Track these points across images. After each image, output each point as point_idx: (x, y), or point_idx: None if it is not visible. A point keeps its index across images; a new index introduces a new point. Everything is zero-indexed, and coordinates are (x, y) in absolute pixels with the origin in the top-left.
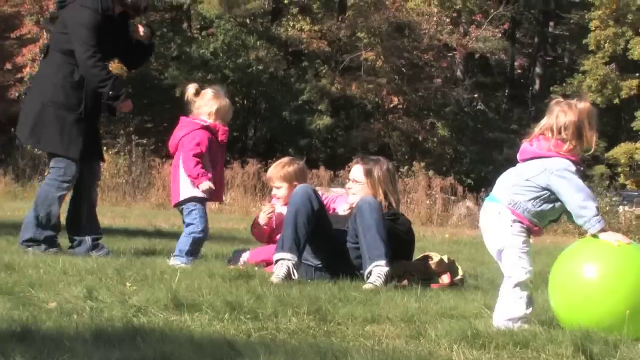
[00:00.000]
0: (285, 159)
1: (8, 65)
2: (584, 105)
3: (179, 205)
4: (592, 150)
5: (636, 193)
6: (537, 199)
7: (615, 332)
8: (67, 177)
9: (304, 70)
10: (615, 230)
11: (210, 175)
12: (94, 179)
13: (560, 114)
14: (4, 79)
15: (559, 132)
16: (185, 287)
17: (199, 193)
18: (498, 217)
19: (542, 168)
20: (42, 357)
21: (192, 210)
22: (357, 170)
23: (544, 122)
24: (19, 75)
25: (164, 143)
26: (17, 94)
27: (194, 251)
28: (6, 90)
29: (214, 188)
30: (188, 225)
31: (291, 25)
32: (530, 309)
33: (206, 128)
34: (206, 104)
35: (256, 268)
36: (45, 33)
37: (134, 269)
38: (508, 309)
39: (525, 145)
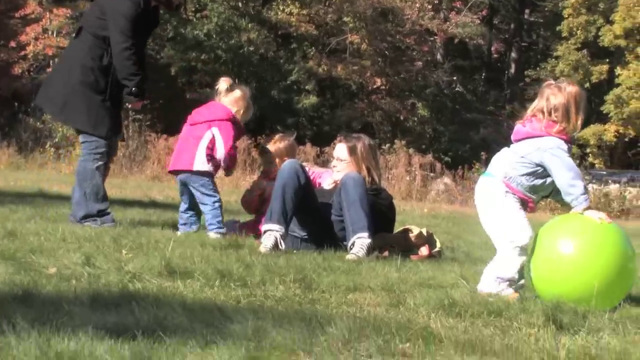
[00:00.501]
0: (277, 136)
1: (12, 44)
2: (572, 88)
3: (187, 172)
4: (577, 131)
5: (604, 172)
6: (530, 174)
7: (584, 304)
8: (99, 149)
9: (293, 52)
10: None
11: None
12: (112, 154)
13: (551, 96)
14: (9, 57)
15: (550, 114)
16: (178, 255)
17: (212, 169)
18: (492, 190)
19: (536, 147)
20: (42, 320)
21: (208, 183)
22: (340, 149)
23: (535, 104)
24: (22, 53)
25: (160, 119)
26: (20, 71)
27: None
28: (10, 67)
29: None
30: (205, 196)
31: (281, 9)
32: (522, 281)
33: (235, 122)
34: (236, 103)
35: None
36: (47, 13)
37: (130, 238)
38: (502, 267)
39: (518, 126)
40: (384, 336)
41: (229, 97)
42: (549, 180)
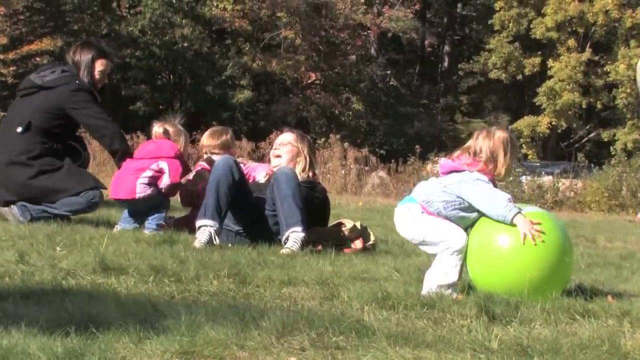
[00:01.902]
0: (218, 128)
1: None
2: (502, 134)
3: (131, 200)
4: (502, 176)
5: (537, 164)
6: (450, 203)
7: (516, 294)
8: (95, 199)
9: (227, 48)
10: (519, 198)
11: None
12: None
13: (480, 138)
14: None
15: (475, 154)
16: (112, 251)
17: (154, 190)
18: (408, 213)
19: (459, 179)
20: None
21: (156, 201)
22: (287, 135)
23: (467, 144)
24: None
25: None
26: None
27: None
28: None
29: None
30: (153, 210)
31: (215, 4)
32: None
33: (182, 158)
34: (175, 141)
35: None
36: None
37: (64, 235)
38: (443, 276)
39: (445, 160)
40: (317, 329)
41: (170, 139)
42: (468, 215)
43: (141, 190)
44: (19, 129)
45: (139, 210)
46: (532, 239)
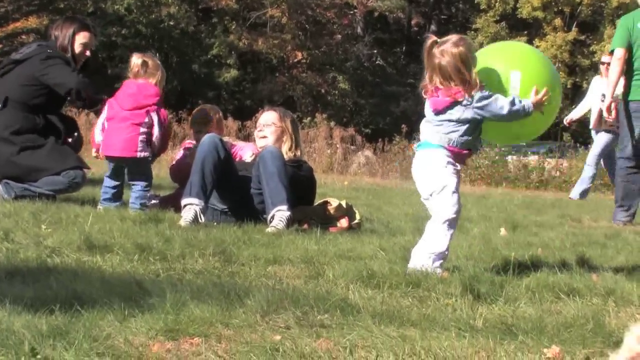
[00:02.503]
0: (213, 107)
1: None
2: (455, 49)
3: (130, 159)
4: (477, 83)
5: (523, 143)
6: (466, 132)
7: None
8: (77, 179)
9: (214, 26)
10: (504, 178)
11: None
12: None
13: (440, 61)
14: None
15: (447, 80)
16: (97, 229)
17: (150, 154)
18: (433, 161)
19: (461, 110)
20: None
21: (147, 167)
22: (270, 115)
23: (428, 73)
24: None
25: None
26: None
27: None
28: None
29: None
30: (141, 178)
31: None
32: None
33: (161, 100)
34: (153, 75)
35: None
36: None
37: (49, 213)
38: (433, 243)
39: (433, 99)
40: (302, 308)
41: (147, 71)
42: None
43: (142, 148)
44: None
45: (133, 171)
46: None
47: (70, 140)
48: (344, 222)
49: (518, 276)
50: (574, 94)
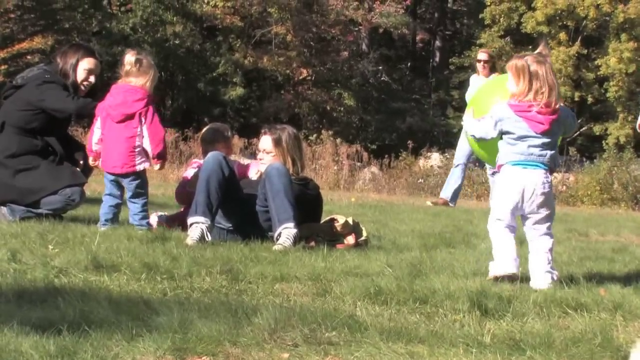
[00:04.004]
0: (222, 125)
1: None
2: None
3: (128, 174)
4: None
5: None
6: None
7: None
8: (74, 196)
9: (219, 45)
10: None
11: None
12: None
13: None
14: None
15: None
16: (104, 249)
17: (148, 165)
18: (547, 184)
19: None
20: None
21: (143, 182)
22: (265, 141)
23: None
24: None
25: None
26: None
27: None
28: None
29: None
30: (139, 195)
31: (205, 1)
32: None
33: (151, 99)
34: (145, 74)
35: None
36: None
37: (56, 233)
38: (550, 256)
39: (533, 114)
40: (310, 325)
41: (141, 70)
42: None
43: (140, 160)
44: None
45: (133, 186)
46: None
47: (81, 162)
48: (350, 239)
49: (526, 291)
50: (580, 109)
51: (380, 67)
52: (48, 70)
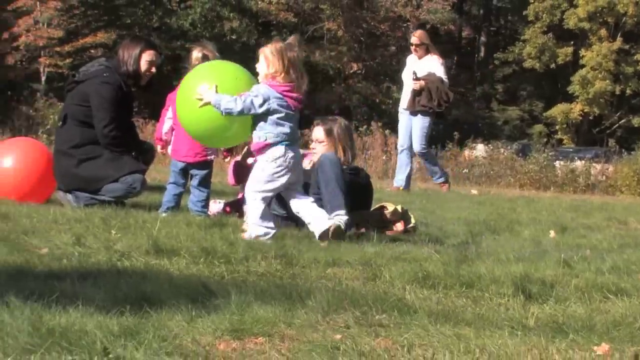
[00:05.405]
0: None
1: (5, 35)
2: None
3: (198, 163)
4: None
5: (571, 149)
6: None
7: None
8: (135, 183)
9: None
10: (552, 182)
11: None
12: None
13: None
14: (2, 48)
15: None
16: (164, 234)
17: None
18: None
19: None
20: (34, 297)
21: (210, 172)
22: (318, 131)
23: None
24: (14, 44)
25: (147, 105)
26: (13, 61)
27: None
28: (3, 58)
29: None
30: (205, 184)
31: None
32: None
33: None
34: None
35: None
36: (38, 5)
37: (119, 218)
38: None
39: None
40: (361, 308)
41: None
42: None
43: (210, 151)
44: (60, 123)
45: (200, 175)
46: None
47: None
48: (399, 226)
49: (567, 277)
50: (619, 102)
51: None
52: (108, 66)
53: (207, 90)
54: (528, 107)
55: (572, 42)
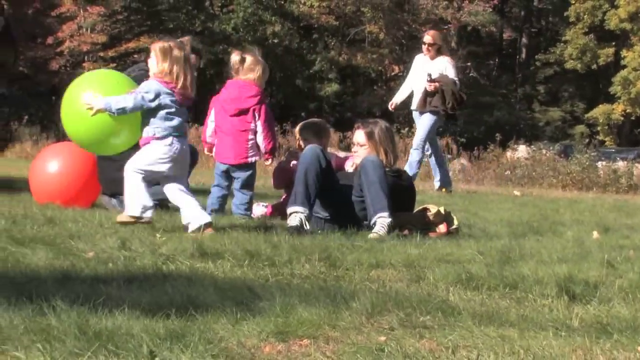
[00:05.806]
0: (322, 121)
1: (50, 40)
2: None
3: (240, 165)
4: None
5: (613, 150)
6: None
7: None
8: None
9: (315, 43)
10: (595, 183)
11: None
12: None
13: None
14: (46, 53)
15: None
16: (209, 237)
17: (258, 158)
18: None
19: None
20: (80, 301)
21: (253, 174)
22: (359, 134)
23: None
24: (59, 50)
25: (190, 109)
26: (57, 66)
27: None
28: (48, 63)
29: None
30: (248, 187)
31: (302, 1)
32: None
33: (264, 96)
34: (252, 70)
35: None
36: (82, 11)
37: (164, 222)
38: None
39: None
40: (405, 310)
41: (245, 67)
42: None
43: (252, 153)
44: None
45: (243, 178)
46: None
47: None
48: (442, 228)
49: (611, 277)
50: None
51: (469, 63)
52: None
53: (93, 97)
54: (570, 108)
55: (613, 43)
